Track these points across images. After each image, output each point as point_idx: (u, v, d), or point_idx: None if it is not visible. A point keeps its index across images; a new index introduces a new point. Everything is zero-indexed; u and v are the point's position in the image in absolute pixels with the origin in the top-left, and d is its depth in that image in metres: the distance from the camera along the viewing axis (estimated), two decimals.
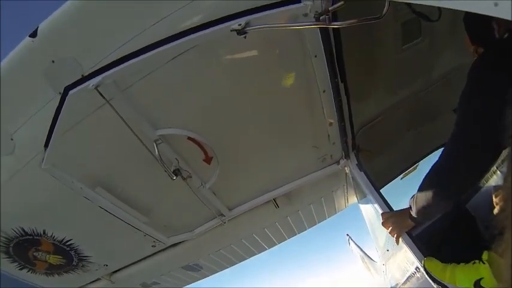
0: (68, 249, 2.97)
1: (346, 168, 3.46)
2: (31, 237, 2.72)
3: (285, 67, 2.25)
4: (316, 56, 2.15)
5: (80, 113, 1.98)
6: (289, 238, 4.92)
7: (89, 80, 1.79)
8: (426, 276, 2.32)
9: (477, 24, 1.90)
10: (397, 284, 5.20)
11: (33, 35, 1.68)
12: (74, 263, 3.16)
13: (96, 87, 1.79)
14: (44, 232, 2.73)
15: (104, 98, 1.86)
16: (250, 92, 2.31)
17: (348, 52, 2.38)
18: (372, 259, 9.12)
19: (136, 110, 2.04)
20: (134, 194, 2.71)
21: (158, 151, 2.23)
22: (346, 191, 4.32)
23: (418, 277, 3.18)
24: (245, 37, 1.76)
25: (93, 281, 3.60)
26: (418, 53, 3.12)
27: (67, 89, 1.82)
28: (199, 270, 4.48)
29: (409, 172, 5.04)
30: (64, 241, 2.89)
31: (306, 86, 2.39)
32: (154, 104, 2.11)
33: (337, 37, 2.21)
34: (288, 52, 2.16)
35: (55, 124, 1.96)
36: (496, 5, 0.80)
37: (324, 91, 2.43)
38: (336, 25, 1.70)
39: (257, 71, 2.19)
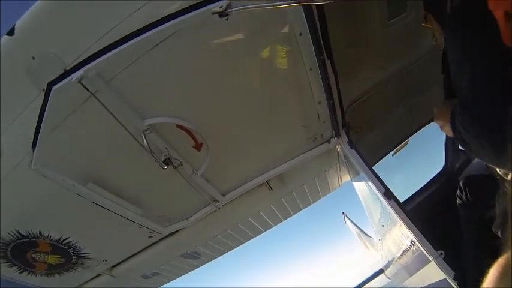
0: (66, 247, 2.97)
1: (337, 146, 3.49)
2: (28, 239, 2.71)
3: (270, 47, 2.23)
4: (301, 35, 2.15)
5: (65, 108, 1.96)
6: (285, 219, 4.96)
7: (72, 73, 1.77)
8: None
9: None
10: (393, 258, 5.32)
11: (11, 32, 1.66)
12: (73, 261, 3.17)
13: (80, 81, 1.77)
14: (40, 233, 2.73)
15: (88, 91, 1.85)
16: (236, 75, 2.30)
17: (333, 29, 2.38)
18: (368, 235, 9.28)
19: (123, 100, 2.02)
20: (127, 187, 2.71)
21: (147, 141, 2.22)
22: (338, 169, 4.37)
23: (413, 250, 3.24)
24: (227, 19, 1.76)
25: (94, 277, 3.62)
26: (405, 28, 3.11)
27: (50, 84, 1.79)
28: (198, 258, 4.52)
29: (401, 148, 5.12)
30: (61, 240, 2.89)
31: (293, 66, 2.39)
32: (140, 94, 2.09)
33: (321, 14, 2.21)
34: (272, 32, 2.15)
35: (41, 123, 1.94)
36: None
37: (310, 69, 2.43)
38: (319, 2, 1.70)
39: (242, 53, 2.17)
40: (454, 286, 2.45)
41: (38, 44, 1.72)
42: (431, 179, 5.00)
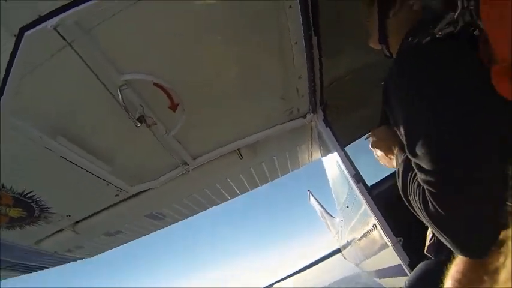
0: (29, 201, 2.90)
1: (312, 123, 3.54)
2: None
3: (257, 16, 2.17)
4: (290, 7, 2.10)
5: (37, 56, 1.84)
6: (251, 189, 5.07)
7: (48, 20, 1.64)
8: None
9: None
10: (352, 240, 5.56)
11: None
12: (36, 214, 3.11)
13: (55, 28, 1.66)
14: (3, 186, 2.62)
15: (64, 39, 1.74)
16: (221, 39, 2.23)
17: (325, 5, 2.32)
18: (331, 215, 9.60)
19: (101, 53, 1.92)
20: (97, 143, 2.64)
21: (122, 97, 2.15)
22: (310, 146, 4.45)
23: (373, 234, 3.40)
24: None
25: (56, 232, 3.58)
26: None
27: (22, 30, 1.65)
28: (162, 219, 4.56)
29: None
30: (24, 193, 2.80)
31: (278, 37, 2.35)
32: (119, 48, 1.99)
33: None
34: (263, 1, 2.08)
35: (10, 69, 1.80)
36: None
37: (295, 43, 2.40)
38: None
39: (228, 18, 2.10)
40: (407, 272, 2.62)
41: None
42: None
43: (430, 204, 1.02)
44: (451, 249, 1.07)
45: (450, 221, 0.99)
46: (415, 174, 1.12)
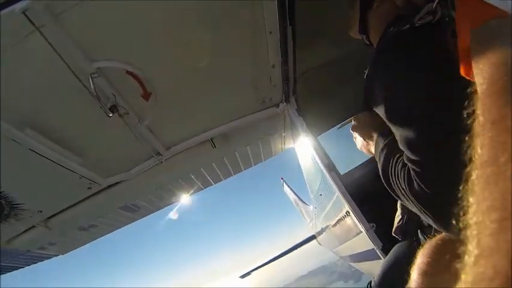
0: None
1: (285, 112, 3.58)
2: None
3: (233, 6, 2.16)
4: None
5: (3, 41, 1.73)
6: (225, 179, 5.11)
7: (16, 3, 1.57)
8: None
9: None
10: (327, 226, 5.68)
11: None
12: (6, 212, 3.00)
13: (24, 12, 1.58)
14: None
15: (33, 24, 1.66)
16: (194, 28, 2.21)
17: None
18: (304, 202, 9.75)
19: (71, 39, 1.85)
20: (68, 134, 2.56)
21: (94, 85, 2.09)
22: (283, 134, 4.50)
23: (347, 221, 3.49)
24: None
25: (28, 229, 3.49)
26: None
27: None
28: (136, 211, 4.52)
29: (347, 123, 5.34)
30: None
31: (252, 25, 2.36)
32: (91, 34, 1.92)
33: None
34: None
35: None
36: None
37: (270, 32, 2.42)
38: None
39: (203, 7, 2.08)
40: (381, 256, 2.71)
41: None
42: (372, 156, 5.30)
43: (415, 183, 1.06)
44: (434, 226, 1.13)
45: (433, 198, 1.03)
46: (399, 156, 1.17)
